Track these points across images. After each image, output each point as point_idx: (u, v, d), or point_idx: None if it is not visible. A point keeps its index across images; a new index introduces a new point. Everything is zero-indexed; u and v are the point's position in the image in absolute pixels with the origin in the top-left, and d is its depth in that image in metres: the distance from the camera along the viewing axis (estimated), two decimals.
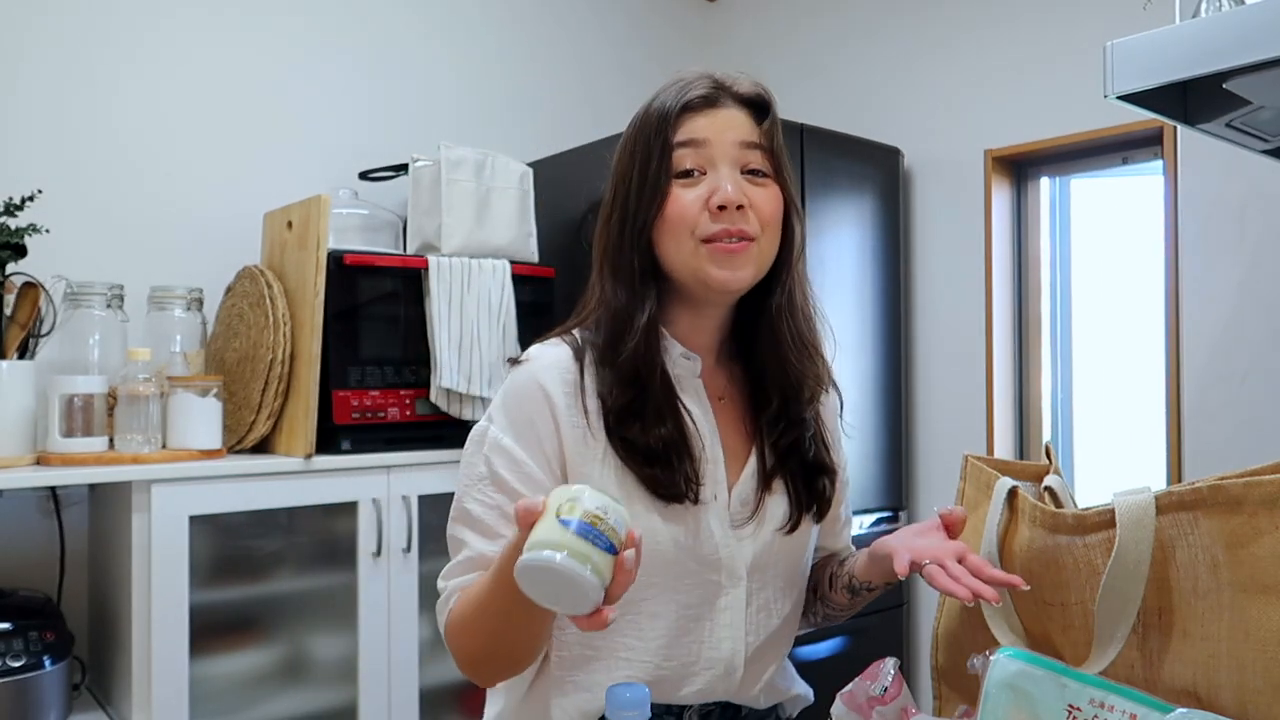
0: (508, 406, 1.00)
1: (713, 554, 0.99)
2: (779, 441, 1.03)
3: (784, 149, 1.01)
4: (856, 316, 2.48)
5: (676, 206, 0.96)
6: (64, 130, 2.00)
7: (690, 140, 0.97)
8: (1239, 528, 0.76)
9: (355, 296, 1.92)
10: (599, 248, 1.02)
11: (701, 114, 0.98)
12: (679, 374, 1.02)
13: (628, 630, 0.98)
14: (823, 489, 1.05)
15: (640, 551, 0.77)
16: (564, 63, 2.80)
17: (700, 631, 0.99)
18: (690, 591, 0.99)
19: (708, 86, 0.99)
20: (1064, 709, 0.79)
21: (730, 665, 1.00)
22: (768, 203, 0.97)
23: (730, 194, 0.94)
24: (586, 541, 0.73)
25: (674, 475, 0.96)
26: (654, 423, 0.96)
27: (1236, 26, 1.06)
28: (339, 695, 1.88)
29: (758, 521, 1.02)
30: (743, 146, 0.97)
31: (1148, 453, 2.22)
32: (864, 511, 2.45)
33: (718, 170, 0.96)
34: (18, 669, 1.57)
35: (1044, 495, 0.99)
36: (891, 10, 2.67)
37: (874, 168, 2.53)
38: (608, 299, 1.00)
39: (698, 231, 0.95)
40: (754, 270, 0.98)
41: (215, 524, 1.76)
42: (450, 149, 2.05)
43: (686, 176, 0.97)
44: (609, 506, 0.76)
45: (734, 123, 0.98)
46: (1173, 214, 2.11)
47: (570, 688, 0.99)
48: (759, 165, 0.98)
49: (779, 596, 1.04)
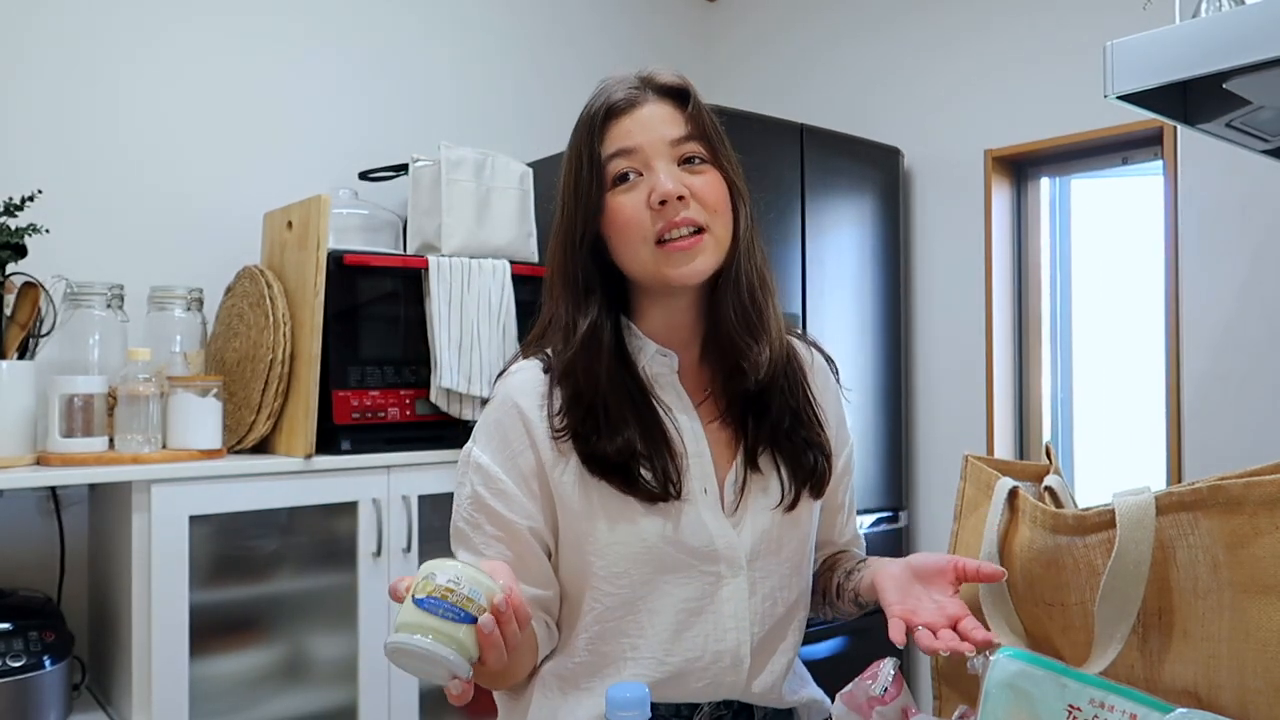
0: (486, 425, 1.03)
1: (707, 546, 0.99)
2: (752, 422, 1.03)
3: (719, 132, 1.01)
4: (856, 316, 2.48)
5: (621, 215, 0.97)
6: (64, 130, 2.00)
7: (620, 150, 0.97)
8: (1239, 528, 0.76)
9: (355, 296, 1.92)
10: (549, 263, 1.04)
11: (626, 116, 0.98)
12: (657, 372, 1.03)
13: (630, 630, 0.98)
14: (813, 463, 1.04)
15: (507, 616, 0.78)
16: (564, 63, 2.80)
17: (704, 625, 0.99)
18: (688, 585, 0.99)
19: (628, 87, 1.00)
20: (1064, 709, 0.79)
21: (737, 657, 1.00)
22: (710, 189, 0.98)
23: (669, 188, 0.95)
24: (437, 617, 0.75)
25: (647, 477, 0.96)
26: (611, 433, 0.97)
27: (1236, 26, 1.06)
28: (339, 695, 1.88)
29: (749, 504, 1.01)
30: (674, 143, 0.98)
31: (1148, 453, 2.22)
32: (864, 511, 2.45)
33: (653, 169, 0.97)
34: (18, 669, 1.57)
35: (1044, 495, 0.99)
36: (891, 10, 2.67)
37: (874, 168, 2.53)
38: (557, 314, 1.02)
39: (648, 234, 0.96)
40: (712, 259, 0.98)
41: (215, 524, 1.76)
42: (450, 149, 2.05)
43: (624, 182, 0.98)
44: (462, 577, 0.76)
45: (660, 119, 0.98)
46: (1173, 214, 2.11)
47: (581, 694, 0.99)
48: (694, 153, 0.98)
49: (783, 585, 1.04)
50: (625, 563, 0.97)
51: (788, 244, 2.33)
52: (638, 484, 0.96)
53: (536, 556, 1.00)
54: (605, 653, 0.99)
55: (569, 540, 1.00)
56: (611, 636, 0.98)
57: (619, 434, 0.97)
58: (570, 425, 0.98)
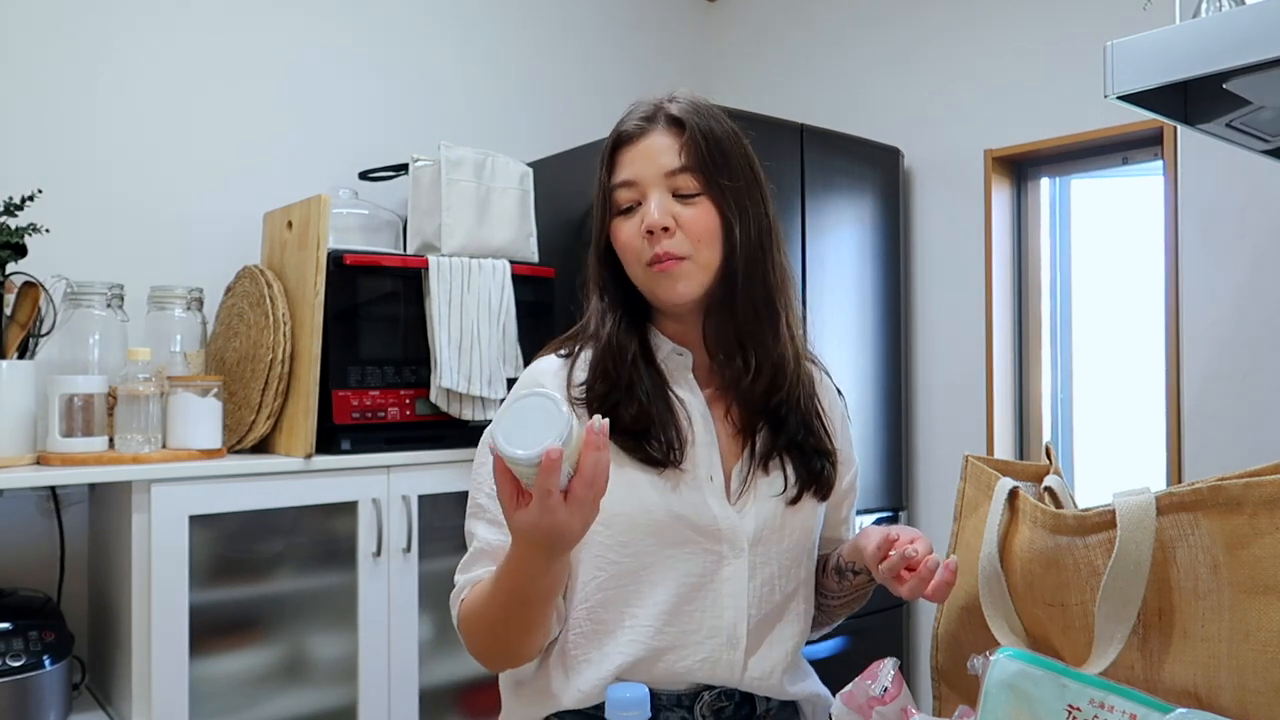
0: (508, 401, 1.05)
1: (711, 525, 1.04)
2: (763, 423, 1.10)
3: (719, 157, 1.06)
4: (856, 316, 2.48)
5: (620, 240, 1.07)
6: (64, 130, 2.00)
7: (624, 182, 1.07)
8: (1239, 528, 0.76)
9: (355, 296, 1.92)
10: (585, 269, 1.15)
11: (632, 146, 1.07)
12: (672, 368, 1.10)
13: (630, 599, 1.03)
14: (820, 469, 1.11)
15: (602, 440, 0.85)
16: (564, 63, 2.80)
17: (703, 600, 1.04)
18: (691, 560, 1.04)
19: (640, 117, 1.08)
20: (1064, 709, 0.79)
21: (733, 635, 1.04)
22: (696, 220, 1.04)
23: (655, 219, 1.03)
24: None
25: (652, 443, 1.04)
26: (629, 402, 1.05)
27: (1236, 26, 1.06)
28: (339, 695, 1.88)
29: (754, 493, 1.07)
30: (667, 175, 1.05)
31: (1148, 453, 2.22)
32: (864, 511, 2.45)
33: (649, 200, 1.05)
34: (18, 669, 1.57)
35: (1044, 495, 0.99)
36: (891, 11, 2.67)
37: (874, 168, 2.53)
38: (593, 306, 1.12)
39: (642, 258, 1.05)
40: (694, 283, 1.05)
41: (215, 524, 1.76)
42: (450, 149, 2.05)
43: (626, 212, 1.07)
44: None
45: (660, 150, 1.05)
46: (1173, 214, 2.11)
47: (581, 663, 1.03)
48: (684, 189, 1.05)
49: (783, 573, 1.08)
50: (630, 532, 1.02)
51: (788, 244, 2.33)
52: (644, 447, 1.03)
53: None
54: (605, 620, 1.03)
55: None
56: (612, 604, 1.03)
57: (636, 403, 1.05)
58: (593, 392, 1.06)
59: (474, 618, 1.01)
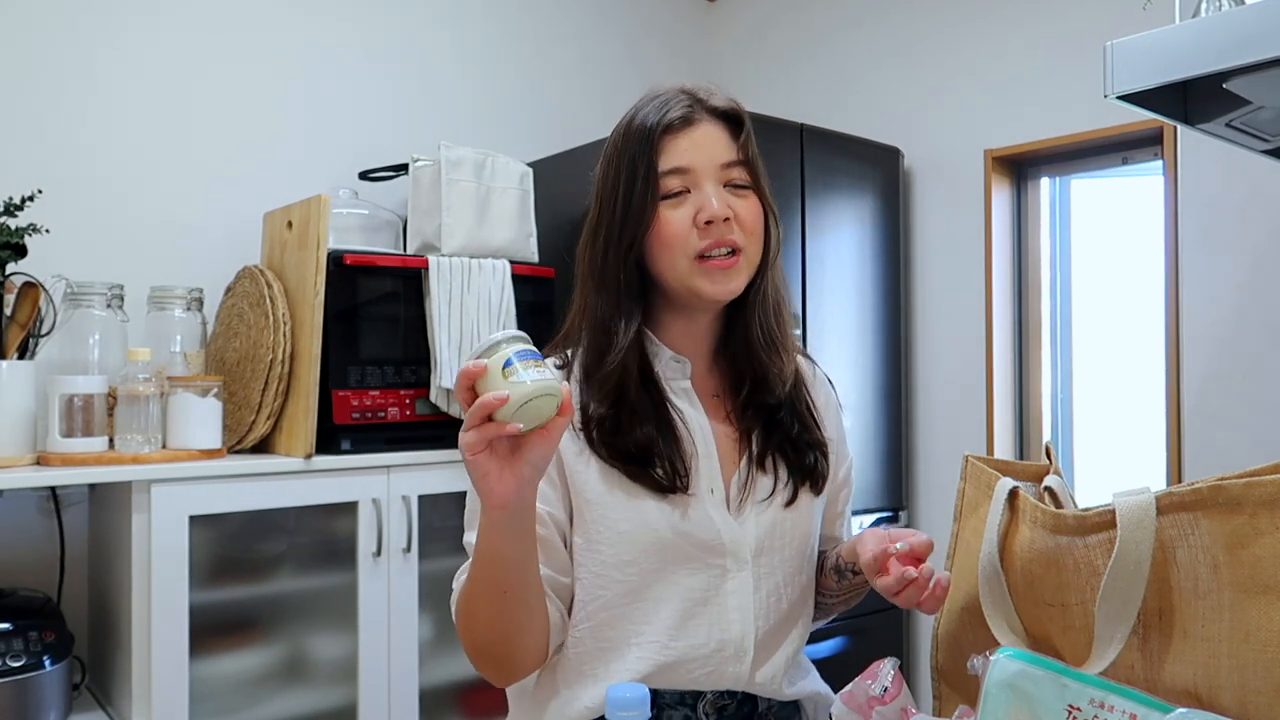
0: None
1: (714, 539, 1.03)
2: (759, 424, 1.09)
3: (758, 157, 1.07)
4: (856, 316, 2.48)
5: (669, 229, 1.02)
6: (64, 130, 2.00)
7: (675, 169, 1.02)
8: (1239, 528, 0.76)
9: (355, 296, 1.92)
10: (584, 263, 1.09)
11: (682, 135, 1.03)
12: (671, 377, 1.08)
13: (635, 617, 1.02)
14: (814, 462, 1.10)
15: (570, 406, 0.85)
16: (564, 63, 2.80)
17: (709, 614, 1.03)
18: (695, 575, 1.03)
19: (684, 106, 1.04)
20: (1064, 709, 0.79)
21: (740, 648, 1.03)
22: (749, 213, 1.04)
23: (717, 209, 1.01)
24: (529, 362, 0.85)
25: (659, 470, 1.02)
26: (631, 427, 1.02)
27: (1236, 26, 1.06)
28: (339, 695, 1.88)
29: (753, 502, 1.06)
30: (723, 167, 1.03)
31: (1148, 453, 2.22)
32: (864, 511, 2.45)
33: (702, 189, 1.02)
34: (18, 669, 1.57)
35: (1044, 495, 0.99)
36: (891, 11, 2.67)
37: (874, 167, 2.53)
38: (593, 314, 1.06)
39: (690, 249, 1.02)
40: (744, 278, 1.05)
41: (215, 524, 1.76)
42: (450, 149, 2.05)
43: (673, 197, 1.03)
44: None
45: (713, 141, 1.04)
46: (1173, 214, 2.11)
47: (587, 678, 1.02)
48: (739, 180, 1.04)
49: (787, 581, 1.08)
50: (635, 551, 1.01)
51: (788, 244, 2.33)
52: (650, 475, 1.01)
53: (556, 542, 1.03)
54: (610, 638, 1.02)
55: (581, 527, 1.03)
56: (617, 623, 1.02)
57: (639, 428, 1.02)
58: (596, 417, 1.03)
59: (461, 606, 0.99)
